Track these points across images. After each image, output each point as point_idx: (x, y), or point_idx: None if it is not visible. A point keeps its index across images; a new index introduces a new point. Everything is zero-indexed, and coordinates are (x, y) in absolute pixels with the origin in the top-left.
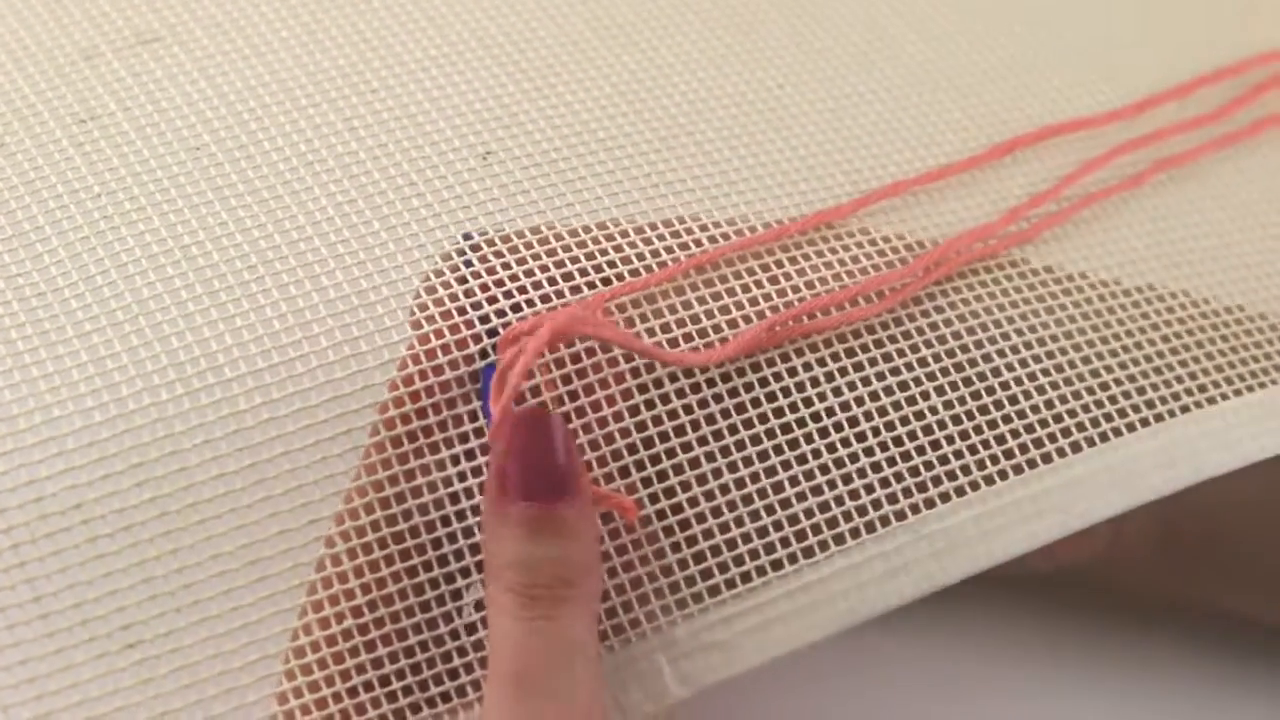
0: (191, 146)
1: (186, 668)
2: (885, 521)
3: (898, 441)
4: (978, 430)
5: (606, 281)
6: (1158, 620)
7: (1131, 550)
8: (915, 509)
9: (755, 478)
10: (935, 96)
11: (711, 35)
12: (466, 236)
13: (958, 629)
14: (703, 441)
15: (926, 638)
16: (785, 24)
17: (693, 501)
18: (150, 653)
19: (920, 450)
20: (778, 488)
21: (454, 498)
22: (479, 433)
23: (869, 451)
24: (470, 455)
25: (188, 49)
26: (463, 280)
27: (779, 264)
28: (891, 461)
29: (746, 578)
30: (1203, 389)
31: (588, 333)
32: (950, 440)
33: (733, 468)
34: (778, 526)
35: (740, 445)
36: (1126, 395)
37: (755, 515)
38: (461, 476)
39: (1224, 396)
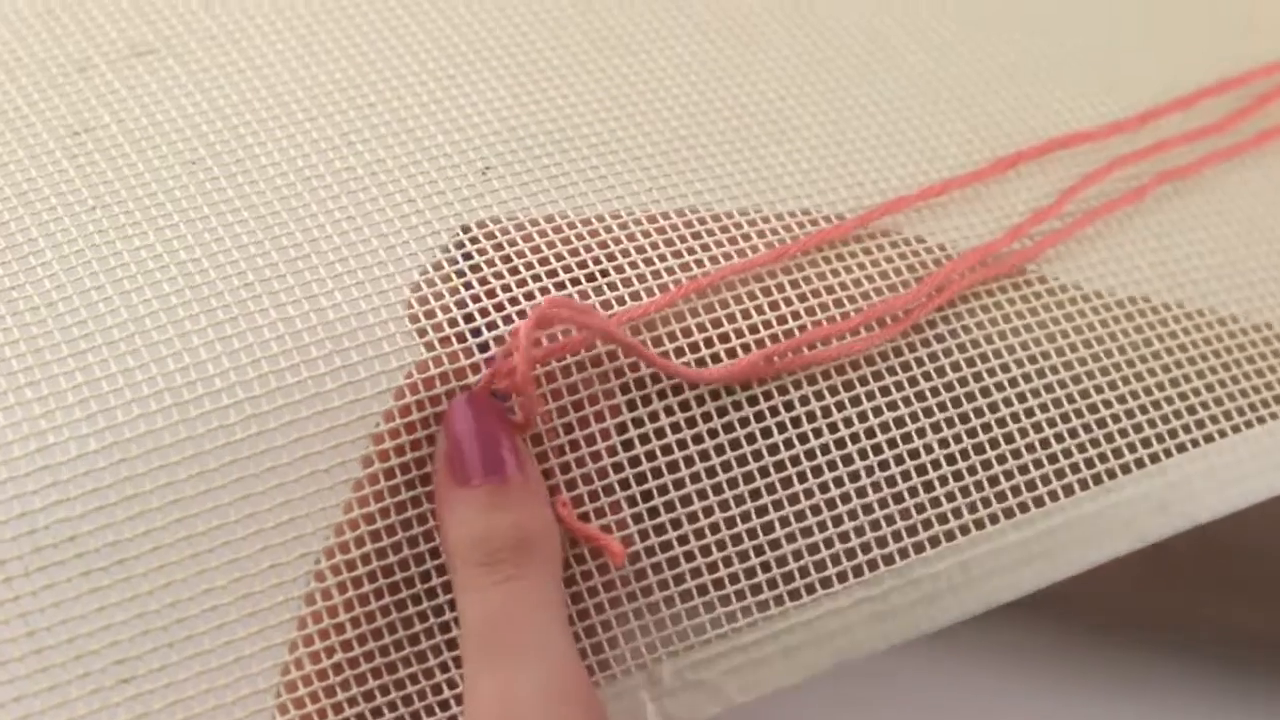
0: (187, 160)
1: (180, 702)
2: (874, 566)
3: (890, 482)
4: (971, 471)
5: (612, 286)
6: (1156, 636)
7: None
8: (904, 553)
9: (746, 516)
10: (937, 107)
11: (710, 45)
12: (464, 229)
13: (949, 635)
14: (695, 479)
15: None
16: (785, 34)
17: (682, 540)
18: (145, 687)
19: (913, 491)
20: (768, 528)
21: None
22: None
23: (861, 492)
24: None
25: (183, 62)
26: (463, 287)
27: (779, 287)
28: (884, 503)
29: (732, 618)
30: (1200, 425)
31: (572, 318)
32: (944, 481)
33: (724, 506)
34: (765, 568)
35: (732, 483)
36: (1124, 434)
37: (744, 555)
38: None
39: (1222, 434)
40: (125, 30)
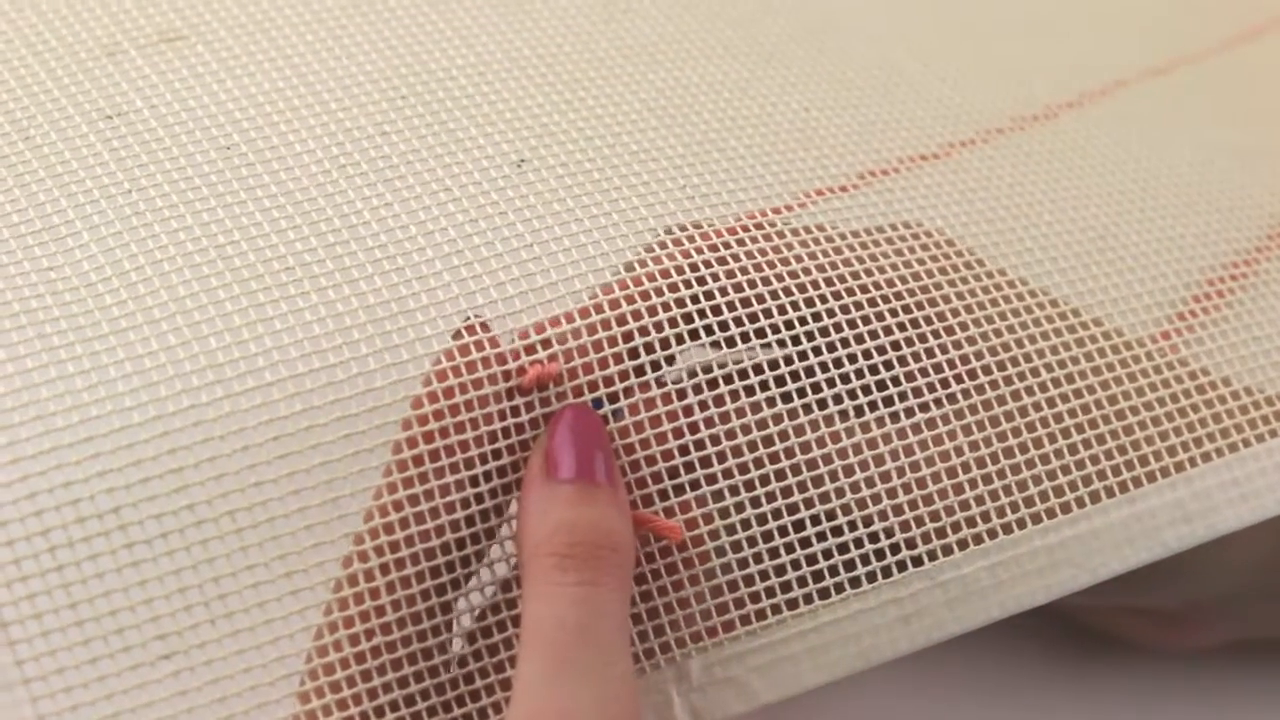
0: (221, 146)
1: (218, 681)
2: (902, 566)
3: (920, 483)
4: (1000, 475)
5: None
6: None
7: None
8: (932, 555)
9: (777, 514)
10: (958, 127)
11: (736, 64)
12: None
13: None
14: (728, 475)
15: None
16: (806, 56)
17: (713, 535)
18: (184, 664)
19: (942, 494)
20: (798, 526)
21: (483, 514)
22: (510, 449)
23: (891, 493)
24: (502, 472)
25: (212, 49)
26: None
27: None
28: (913, 504)
29: (762, 615)
30: (1225, 434)
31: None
32: (973, 484)
33: (755, 503)
34: (795, 566)
35: (764, 480)
36: (1149, 441)
37: (774, 553)
38: (492, 493)
39: (1245, 443)
40: (153, 16)
